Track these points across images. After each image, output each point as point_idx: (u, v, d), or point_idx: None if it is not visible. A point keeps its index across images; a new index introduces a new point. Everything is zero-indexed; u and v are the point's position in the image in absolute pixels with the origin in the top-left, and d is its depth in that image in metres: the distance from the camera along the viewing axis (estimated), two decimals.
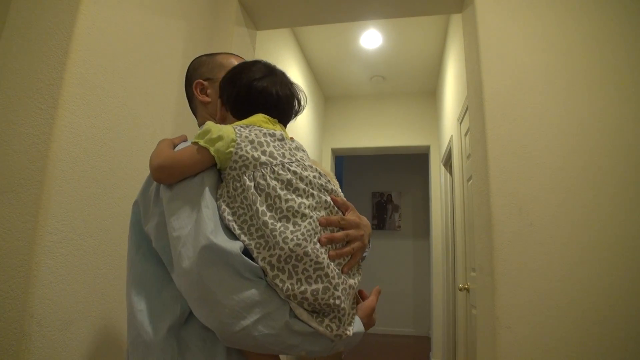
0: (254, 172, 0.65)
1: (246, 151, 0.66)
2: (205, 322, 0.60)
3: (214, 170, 0.69)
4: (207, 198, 0.64)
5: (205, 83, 0.92)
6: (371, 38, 3.28)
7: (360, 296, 0.78)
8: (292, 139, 0.78)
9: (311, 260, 0.60)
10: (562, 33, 1.46)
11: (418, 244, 5.65)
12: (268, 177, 0.65)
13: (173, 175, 0.66)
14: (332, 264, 0.63)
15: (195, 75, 0.94)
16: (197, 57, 0.99)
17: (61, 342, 0.92)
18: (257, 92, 0.77)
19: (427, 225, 4.92)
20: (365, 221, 0.74)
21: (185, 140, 0.79)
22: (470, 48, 1.66)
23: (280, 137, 0.72)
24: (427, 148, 4.17)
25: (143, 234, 0.72)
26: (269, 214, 0.62)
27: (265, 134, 0.70)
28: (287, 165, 0.67)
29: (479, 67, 1.51)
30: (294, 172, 0.67)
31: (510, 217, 1.35)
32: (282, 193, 0.64)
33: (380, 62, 3.69)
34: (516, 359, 1.26)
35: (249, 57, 1.99)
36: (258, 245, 0.62)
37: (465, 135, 2.36)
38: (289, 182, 0.65)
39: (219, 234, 0.61)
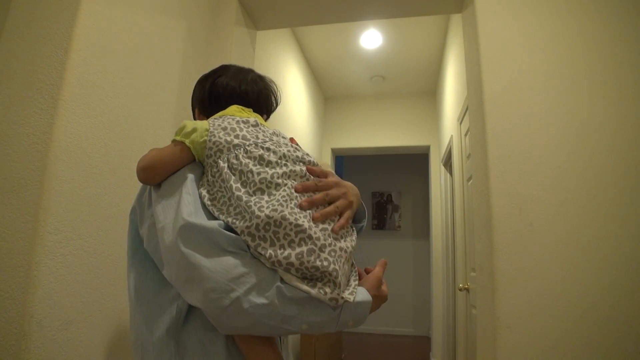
0: (227, 155, 0.67)
1: (219, 137, 0.68)
2: (197, 304, 0.58)
3: (197, 164, 0.70)
4: (189, 186, 0.65)
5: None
6: (371, 38, 3.28)
7: (365, 272, 0.75)
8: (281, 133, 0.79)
9: (290, 224, 0.59)
10: (562, 33, 1.46)
11: (418, 244, 5.65)
12: (241, 157, 0.66)
13: (157, 173, 0.68)
14: (316, 227, 0.62)
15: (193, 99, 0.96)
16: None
17: (61, 342, 0.92)
18: (222, 89, 0.80)
19: (427, 225, 4.92)
20: (348, 183, 0.72)
21: None
22: (470, 48, 1.66)
23: (255, 123, 0.73)
24: (427, 148, 4.17)
25: (139, 238, 0.72)
26: (243, 189, 0.63)
27: (238, 121, 0.72)
28: (260, 144, 0.68)
29: (479, 67, 1.51)
30: (267, 149, 0.68)
31: (510, 217, 1.35)
32: (254, 168, 0.65)
33: (380, 62, 3.69)
34: (516, 359, 1.26)
35: (249, 57, 1.99)
36: (235, 221, 0.61)
37: (465, 135, 2.36)
38: (261, 157, 0.66)
39: (198, 216, 0.61)
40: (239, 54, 1.86)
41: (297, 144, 0.76)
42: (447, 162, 3.31)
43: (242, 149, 0.67)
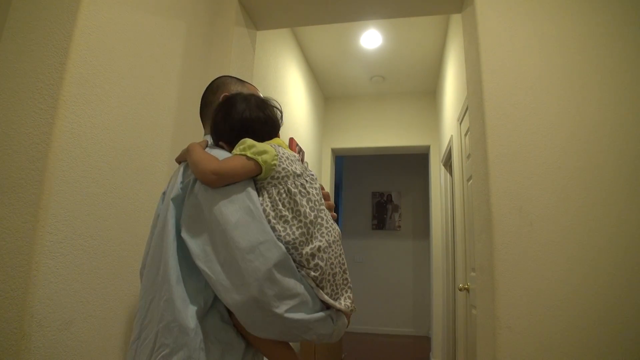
0: (294, 181, 0.80)
1: (286, 164, 0.80)
2: (245, 303, 0.69)
3: (251, 180, 0.80)
4: (255, 201, 0.76)
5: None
6: (371, 38, 3.28)
7: None
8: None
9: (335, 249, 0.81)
10: (562, 33, 1.47)
11: (418, 244, 5.65)
12: (307, 186, 0.82)
13: (225, 180, 0.76)
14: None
15: (224, 88, 1.00)
16: (228, 76, 1.05)
17: (61, 342, 0.92)
18: (252, 121, 0.87)
19: (427, 225, 4.92)
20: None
21: (207, 145, 0.87)
22: (470, 48, 1.66)
23: (297, 158, 0.87)
24: (427, 148, 4.17)
25: (178, 225, 0.77)
26: (312, 214, 0.78)
27: (289, 155, 0.85)
28: (308, 179, 0.84)
29: (479, 67, 1.51)
30: (316, 188, 0.84)
31: (510, 217, 1.35)
32: (318, 198, 0.82)
33: (380, 62, 3.69)
34: (516, 359, 1.26)
35: (249, 57, 1.99)
36: (299, 237, 0.76)
37: (465, 135, 2.36)
38: (316, 190, 0.84)
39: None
40: (239, 54, 1.86)
41: (296, 144, 0.81)
42: (447, 162, 3.31)
43: (303, 179, 0.81)
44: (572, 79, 1.42)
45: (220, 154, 0.82)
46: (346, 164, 6.07)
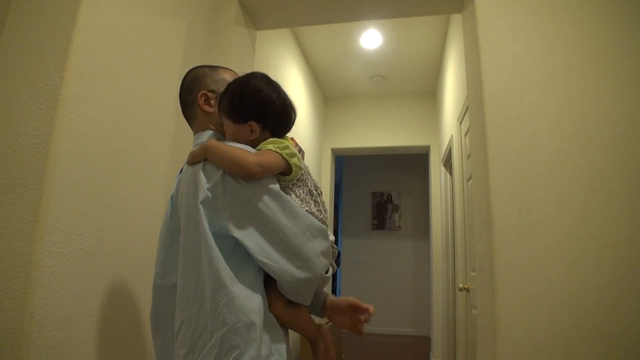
0: (307, 184, 0.88)
1: (304, 170, 0.88)
2: (306, 283, 0.79)
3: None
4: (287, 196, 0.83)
5: (209, 94, 0.96)
6: (371, 38, 3.28)
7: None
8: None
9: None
10: (562, 33, 1.47)
11: (418, 244, 5.65)
12: (318, 188, 0.91)
13: (267, 172, 0.80)
14: None
15: (199, 85, 0.97)
16: (198, 67, 1.01)
17: (61, 342, 0.92)
18: (289, 117, 0.93)
19: (427, 225, 4.92)
20: None
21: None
22: (470, 48, 1.66)
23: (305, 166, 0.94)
24: (427, 148, 4.17)
25: (213, 227, 0.77)
26: (315, 208, 0.88)
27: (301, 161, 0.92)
28: (315, 184, 0.91)
29: (479, 67, 1.51)
30: (320, 193, 0.92)
31: (510, 217, 1.35)
32: (320, 199, 0.90)
33: (380, 62, 3.69)
34: (516, 359, 1.26)
35: (249, 57, 1.99)
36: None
37: (465, 135, 2.36)
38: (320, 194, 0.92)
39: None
40: (239, 54, 1.86)
41: (296, 144, 0.83)
42: (447, 162, 3.31)
43: (312, 185, 0.89)
44: (573, 79, 1.42)
45: (240, 147, 0.82)
46: (346, 164, 6.07)
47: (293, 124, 0.94)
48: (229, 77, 0.98)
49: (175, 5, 1.46)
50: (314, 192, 0.89)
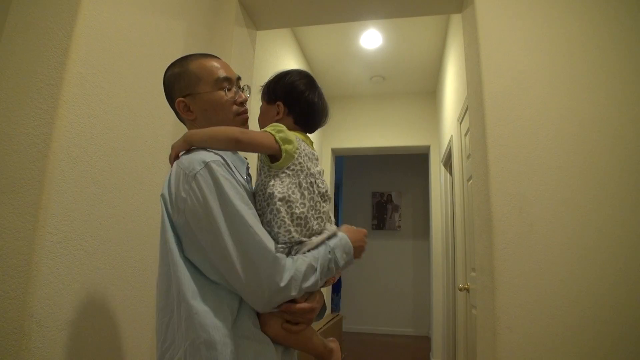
0: (306, 177, 0.84)
1: (304, 160, 0.85)
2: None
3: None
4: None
5: (186, 100, 0.91)
6: (371, 38, 3.28)
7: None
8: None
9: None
10: (562, 33, 1.46)
11: (418, 244, 5.65)
12: (316, 185, 0.86)
13: (250, 143, 0.80)
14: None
15: (174, 92, 0.93)
16: (168, 69, 0.96)
17: (61, 342, 0.92)
18: (317, 111, 0.95)
19: (427, 225, 4.92)
20: None
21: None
22: (470, 48, 1.66)
23: (316, 158, 0.91)
24: (427, 148, 4.16)
25: (179, 235, 0.77)
26: (326, 206, 0.87)
27: (310, 152, 0.90)
28: (319, 181, 0.88)
29: (479, 67, 1.50)
30: (325, 189, 0.89)
31: (510, 217, 1.35)
32: (320, 199, 0.86)
33: (380, 62, 3.69)
34: (516, 359, 1.26)
35: (249, 57, 1.99)
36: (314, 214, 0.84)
37: (465, 135, 2.36)
38: (324, 194, 0.88)
39: None
40: (239, 54, 1.86)
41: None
42: (447, 162, 3.31)
43: (314, 178, 0.86)
44: (573, 79, 1.42)
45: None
46: (346, 164, 6.07)
47: (318, 122, 0.96)
48: (200, 70, 0.91)
49: (175, 6, 1.46)
50: (313, 190, 0.84)
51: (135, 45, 1.21)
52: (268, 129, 0.83)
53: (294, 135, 0.85)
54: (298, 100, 0.92)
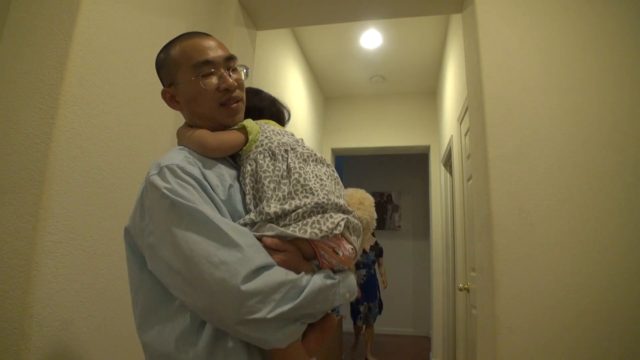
0: (278, 146, 0.80)
1: (270, 134, 0.82)
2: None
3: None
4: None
5: (170, 90, 0.82)
6: (371, 38, 3.28)
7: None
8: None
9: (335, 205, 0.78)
10: (562, 33, 1.46)
11: (418, 244, 5.65)
12: (289, 152, 0.80)
13: (221, 146, 0.79)
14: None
15: (162, 82, 0.85)
16: (160, 52, 0.86)
17: (61, 342, 0.92)
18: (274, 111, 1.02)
19: (427, 225, 4.92)
20: None
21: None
22: (470, 48, 1.66)
23: (288, 133, 0.88)
24: (427, 148, 4.17)
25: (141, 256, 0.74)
26: (314, 178, 0.78)
27: (278, 130, 0.87)
28: (299, 147, 0.82)
29: (479, 67, 1.50)
30: (309, 153, 0.83)
31: (510, 217, 1.35)
32: (303, 163, 0.79)
33: (380, 62, 3.69)
34: (516, 358, 1.26)
35: (249, 57, 1.99)
36: (296, 198, 0.74)
37: (465, 135, 2.36)
38: (307, 157, 0.81)
39: None
40: (239, 54, 1.86)
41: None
42: (447, 162, 3.31)
43: (289, 147, 0.80)
44: (573, 79, 1.42)
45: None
46: (346, 164, 6.07)
47: (264, 109, 1.00)
48: (179, 56, 0.80)
49: (175, 5, 1.46)
50: (280, 154, 0.78)
51: (135, 45, 1.21)
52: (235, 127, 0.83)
53: (252, 124, 0.84)
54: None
